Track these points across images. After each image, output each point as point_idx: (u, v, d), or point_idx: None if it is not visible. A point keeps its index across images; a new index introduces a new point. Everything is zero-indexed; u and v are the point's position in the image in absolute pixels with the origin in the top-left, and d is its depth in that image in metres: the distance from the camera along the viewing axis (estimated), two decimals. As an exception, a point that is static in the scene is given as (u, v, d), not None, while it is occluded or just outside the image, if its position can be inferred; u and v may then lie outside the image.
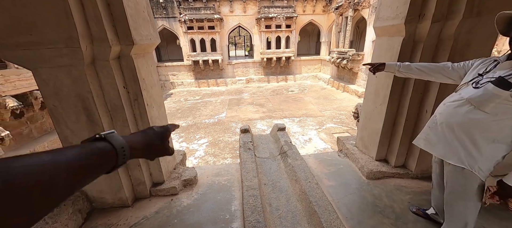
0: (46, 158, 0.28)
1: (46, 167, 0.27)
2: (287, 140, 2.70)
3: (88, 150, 0.35)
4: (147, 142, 0.48)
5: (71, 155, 0.31)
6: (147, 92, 1.61)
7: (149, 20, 1.57)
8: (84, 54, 1.17)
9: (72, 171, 0.31)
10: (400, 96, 1.76)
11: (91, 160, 0.34)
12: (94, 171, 0.35)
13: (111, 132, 0.40)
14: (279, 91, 12.78)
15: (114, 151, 0.38)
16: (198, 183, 2.01)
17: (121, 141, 0.40)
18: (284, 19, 14.01)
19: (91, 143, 0.37)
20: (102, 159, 0.37)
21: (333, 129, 7.15)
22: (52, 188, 0.28)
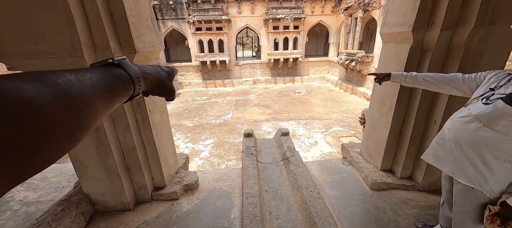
0: (73, 78, 0.25)
1: (75, 84, 0.25)
2: (290, 146, 2.67)
3: (109, 74, 0.32)
4: (158, 77, 0.46)
5: (96, 79, 0.29)
6: (150, 98, 1.63)
7: (152, 27, 1.59)
8: (87, 63, 1.20)
9: (100, 96, 0.28)
10: (407, 106, 1.70)
11: (113, 85, 0.32)
12: (116, 96, 0.32)
13: (122, 58, 0.37)
14: (285, 93, 12.70)
15: (130, 80, 0.36)
16: (199, 188, 2.02)
17: (135, 70, 0.37)
18: (292, 20, 13.92)
19: (107, 67, 0.34)
20: (122, 85, 0.34)
21: (340, 133, 7.02)
22: (88, 107, 0.26)
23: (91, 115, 0.26)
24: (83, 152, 1.47)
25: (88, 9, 1.16)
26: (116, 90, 0.32)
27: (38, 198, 1.83)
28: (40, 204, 1.76)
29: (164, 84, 0.47)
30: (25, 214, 1.66)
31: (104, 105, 0.29)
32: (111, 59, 0.35)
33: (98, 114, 0.28)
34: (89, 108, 0.26)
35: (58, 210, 1.36)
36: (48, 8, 1.05)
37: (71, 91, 0.23)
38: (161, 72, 0.47)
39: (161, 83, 0.46)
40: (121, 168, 1.56)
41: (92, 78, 0.28)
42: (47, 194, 1.89)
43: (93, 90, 0.27)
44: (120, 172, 1.56)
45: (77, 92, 0.24)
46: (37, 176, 2.12)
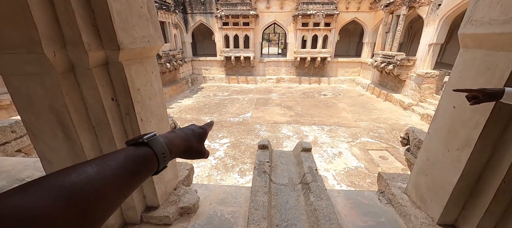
0: (92, 170, 0.27)
1: (95, 180, 0.27)
2: (311, 166, 2.22)
3: (132, 158, 0.34)
4: (186, 144, 0.47)
5: (117, 167, 0.31)
6: (143, 105, 1.34)
7: (149, 18, 1.28)
8: (52, 61, 0.92)
9: (119, 183, 0.30)
10: (496, 143, 1.14)
11: (135, 169, 0.34)
12: (138, 179, 0.34)
13: (153, 134, 0.40)
14: (310, 94, 11.97)
15: (156, 157, 0.38)
16: (198, 210, 1.70)
17: (162, 146, 0.39)
18: (324, 17, 12.99)
19: (134, 148, 0.36)
20: (145, 167, 0.36)
21: (369, 145, 6.24)
22: (103, 201, 0.27)
23: (107, 206, 0.28)
24: (55, 163, 1.23)
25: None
26: (138, 174, 0.34)
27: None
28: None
29: (193, 149, 0.48)
30: None
31: (122, 193, 0.31)
32: (140, 139, 0.38)
33: (116, 202, 0.30)
34: (104, 201, 0.27)
35: None
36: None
37: (81, 191, 0.25)
38: (190, 137, 0.48)
39: (189, 150, 0.47)
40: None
41: (113, 168, 0.30)
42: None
43: (111, 181, 0.29)
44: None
45: (91, 190, 0.26)
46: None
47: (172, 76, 12.66)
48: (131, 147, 0.37)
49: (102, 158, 0.31)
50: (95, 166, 0.28)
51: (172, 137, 0.44)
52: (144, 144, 0.37)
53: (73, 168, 0.26)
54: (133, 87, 1.25)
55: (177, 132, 0.47)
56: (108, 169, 0.29)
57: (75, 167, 0.27)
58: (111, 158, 0.31)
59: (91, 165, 0.28)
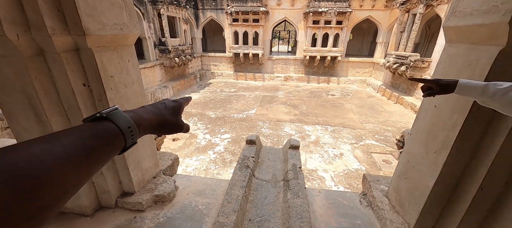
0: (36, 148, 0.24)
1: (41, 159, 0.24)
2: (296, 164, 2.17)
3: (89, 133, 0.30)
4: (159, 119, 0.44)
5: (69, 143, 0.27)
6: (117, 92, 1.36)
7: (123, 6, 1.30)
8: (16, 44, 0.96)
9: (74, 162, 0.27)
10: (476, 147, 1.05)
11: (94, 145, 0.30)
12: (100, 157, 0.31)
13: (114, 108, 0.36)
14: (317, 94, 11.74)
15: (120, 132, 0.34)
16: (174, 200, 1.73)
17: (126, 120, 0.35)
18: (336, 15, 12.63)
19: (92, 123, 0.33)
20: (107, 143, 0.32)
21: (372, 147, 6.03)
22: (55, 183, 0.24)
23: (61, 187, 0.25)
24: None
25: (17, -25, 0.91)
26: (98, 150, 0.30)
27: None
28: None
29: (167, 123, 0.45)
30: None
31: (82, 171, 0.28)
32: (98, 113, 0.35)
33: (74, 182, 0.27)
34: (54, 182, 0.24)
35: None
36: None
37: (23, 171, 0.22)
38: (163, 111, 0.45)
39: (163, 124, 0.45)
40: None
41: (65, 145, 0.26)
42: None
43: (63, 160, 0.25)
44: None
45: (34, 170, 0.23)
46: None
47: (181, 70, 12.89)
48: (88, 123, 0.33)
49: (52, 135, 0.27)
50: (43, 143, 0.25)
51: (140, 111, 0.41)
52: (103, 119, 0.34)
53: (12, 147, 0.23)
54: (105, 74, 1.28)
55: (146, 107, 0.45)
56: (59, 146, 0.26)
57: (16, 145, 0.24)
58: (64, 134, 0.28)
59: (37, 142, 0.25)
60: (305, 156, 5.56)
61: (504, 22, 0.81)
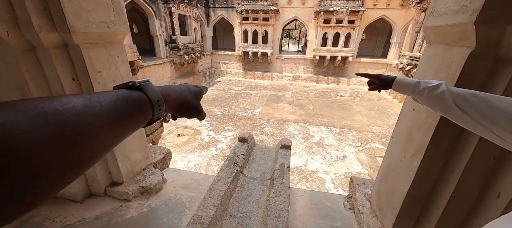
0: (78, 102, 0.24)
1: (83, 114, 0.24)
2: (284, 163, 2.17)
3: (125, 99, 0.31)
4: (182, 99, 0.45)
5: (107, 103, 0.27)
6: (105, 87, 1.44)
7: (110, 4, 1.37)
8: (7, 40, 1.05)
9: (111, 123, 0.27)
10: (450, 153, 1.01)
11: (129, 111, 0.31)
12: (132, 123, 0.32)
13: (145, 80, 0.37)
14: (325, 94, 11.53)
15: (150, 104, 0.35)
16: (160, 192, 1.80)
17: (156, 94, 0.36)
18: (347, 14, 12.32)
19: (125, 90, 0.33)
20: (140, 111, 0.33)
21: (378, 151, 5.84)
22: (93, 140, 0.24)
23: (98, 145, 0.25)
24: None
25: (5, -25, 0.99)
26: (131, 117, 0.31)
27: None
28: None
29: (189, 105, 0.46)
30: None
31: (115, 134, 0.28)
32: (131, 82, 0.35)
33: (107, 143, 0.27)
34: (94, 139, 0.24)
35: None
36: (-50, -28, 0.91)
37: (69, 122, 0.22)
38: (186, 93, 0.46)
39: (186, 105, 0.45)
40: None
41: (103, 105, 0.27)
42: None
43: (101, 118, 0.26)
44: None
45: (79, 123, 0.23)
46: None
47: (190, 68, 13.17)
48: (122, 89, 0.33)
49: (90, 94, 0.27)
50: (82, 99, 0.24)
51: (167, 88, 0.42)
52: (136, 88, 0.34)
53: (56, 98, 0.23)
54: (93, 70, 1.35)
55: (171, 86, 0.44)
56: (98, 105, 0.26)
57: (60, 97, 0.23)
58: (100, 95, 0.28)
59: (76, 97, 0.24)
60: (306, 157, 5.51)
61: (471, 22, 0.78)
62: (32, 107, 0.20)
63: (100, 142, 0.25)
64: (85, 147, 0.23)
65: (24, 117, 0.19)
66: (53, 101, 0.22)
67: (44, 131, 0.19)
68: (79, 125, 0.23)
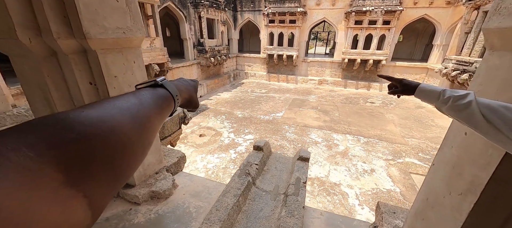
0: (136, 100, 0.30)
1: (144, 107, 0.30)
2: (300, 178, 1.99)
3: (157, 95, 0.36)
4: (189, 93, 0.50)
5: (150, 99, 0.33)
6: (120, 91, 1.46)
7: (127, 11, 1.38)
8: (29, 46, 1.10)
9: (156, 114, 0.33)
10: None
11: (162, 105, 0.36)
12: (164, 115, 0.37)
13: (163, 78, 0.42)
14: (354, 100, 10.79)
15: (172, 98, 0.40)
16: (169, 198, 1.77)
17: (175, 89, 0.42)
18: (382, 14, 11.40)
19: (152, 88, 0.38)
20: (167, 105, 0.38)
21: (413, 167, 5.19)
22: (153, 126, 0.31)
23: (154, 131, 0.31)
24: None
25: (29, -14, 1.04)
26: (164, 109, 0.37)
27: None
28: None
29: (192, 99, 0.53)
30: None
31: (159, 123, 0.34)
32: (153, 81, 0.41)
33: (156, 130, 0.33)
34: (152, 126, 0.31)
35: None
36: (-19, -16, 0.98)
37: (139, 113, 0.28)
38: (190, 88, 0.53)
39: (190, 99, 0.52)
40: (82, 158, 1.51)
41: (148, 100, 0.33)
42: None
43: (152, 110, 0.32)
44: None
45: (144, 114, 0.29)
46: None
47: (216, 70, 13.55)
48: (148, 88, 0.38)
49: (132, 93, 0.32)
50: (136, 99, 0.30)
51: (178, 84, 0.47)
52: (159, 86, 0.40)
53: (116, 97, 0.28)
54: (109, 74, 1.37)
55: (180, 81, 0.50)
56: (146, 102, 0.31)
57: (115, 97, 0.28)
58: (142, 95, 0.33)
59: (129, 96, 0.30)
60: (329, 167, 5.15)
61: None
62: (119, 105, 0.26)
63: (155, 129, 0.32)
64: (149, 131, 0.29)
65: (118, 113, 0.25)
66: (117, 100, 0.27)
67: (133, 123, 0.26)
68: (146, 117, 0.29)
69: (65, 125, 0.19)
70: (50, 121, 0.19)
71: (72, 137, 0.19)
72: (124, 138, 0.23)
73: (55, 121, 0.19)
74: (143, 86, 0.39)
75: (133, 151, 0.25)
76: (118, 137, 0.23)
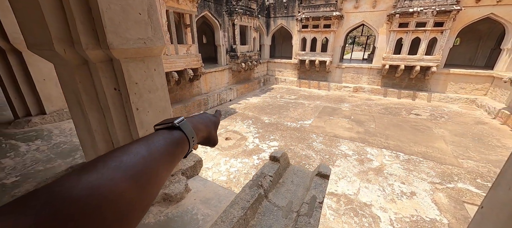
0: (144, 152, 0.30)
1: (149, 161, 0.30)
2: (316, 196, 1.83)
3: (170, 141, 0.37)
4: (208, 131, 0.50)
5: (161, 147, 0.33)
6: (140, 96, 1.57)
7: (148, 22, 1.47)
8: (64, 56, 1.26)
9: (165, 163, 0.33)
10: None
11: (173, 151, 0.36)
12: (176, 160, 0.38)
13: (181, 119, 0.42)
14: (395, 111, 9.69)
15: (187, 140, 0.40)
16: (181, 201, 1.81)
17: (191, 131, 0.42)
18: (433, 15, 10.08)
19: (168, 131, 0.39)
20: (181, 149, 0.39)
21: (468, 195, 4.33)
22: (157, 179, 0.31)
23: (159, 185, 0.32)
24: (81, 131, 1.67)
25: (65, 4, 1.19)
26: (177, 155, 0.38)
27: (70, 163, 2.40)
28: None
29: (211, 137, 0.51)
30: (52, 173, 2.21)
31: (167, 173, 0.35)
32: (171, 123, 0.40)
33: (163, 182, 0.33)
34: (159, 180, 0.31)
35: (59, 175, 1.65)
36: (30, 4, 1.15)
37: (146, 170, 0.28)
38: (210, 125, 0.51)
39: (209, 137, 0.50)
40: (106, 156, 1.65)
41: (159, 149, 0.33)
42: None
43: (161, 161, 0.32)
44: (105, 160, 1.64)
45: (151, 170, 0.29)
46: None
47: (246, 75, 13.84)
48: (164, 130, 0.39)
49: (146, 140, 0.33)
50: (145, 148, 0.31)
51: (196, 123, 0.47)
52: (176, 128, 0.40)
53: (126, 150, 0.29)
54: (130, 81, 1.48)
55: (200, 119, 0.50)
56: (155, 150, 0.32)
57: (126, 149, 0.29)
58: (154, 141, 0.34)
59: (141, 147, 0.31)
60: (359, 184, 4.67)
61: None
62: (125, 163, 0.26)
63: (161, 181, 0.32)
64: (154, 187, 0.29)
65: (121, 176, 0.25)
66: (126, 155, 0.27)
67: (136, 185, 0.26)
68: (148, 173, 0.29)
69: (55, 206, 0.20)
70: (40, 200, 0.20)
71: (63, 217, 0.19)
72: (123, 206, 0.23)
73: (46, 200, 0.20)
74: (161, 127, 0.39)
75: (132, 215, 0.24)
76: (117, 206, 0.23)
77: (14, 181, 1.92)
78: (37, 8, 1.10)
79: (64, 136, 2.83)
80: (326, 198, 4.32)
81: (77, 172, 0.23)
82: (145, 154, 0.29)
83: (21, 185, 1.86)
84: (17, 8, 1.29)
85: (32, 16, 1.18)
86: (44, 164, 2.16)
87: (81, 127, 1.63)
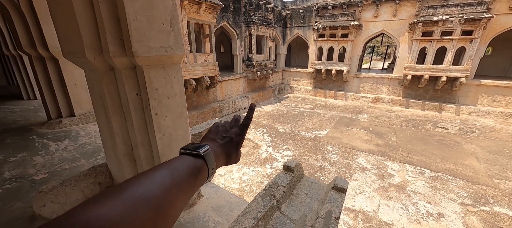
0: (167, 181, 0.32)
1: (171, 191, 0.31)
2: (332, 211, 1.74)
3: (192, 169, 0.38)
4: (226, 159, 0.51)
5: (183, 175, 0.35)
6: (159, 102, 1.63)
7: (170, 32, 1.55)
8: (93, 63, 1.36)
9: (184, 192, 0.35)
10: None
11: (194, 179, 0.38)
12: (195, 189, 0.39)
13: (207, 148, 0.43)
14: (418, 124, 9.11)
15: (207, 170, 0.42)
16: (193, 207, 1.82)
17: (213, 162, 0.43)
18: (461, 23, 9.52)
19: (193, 159, 0.40)
20: (201, 178, 0.40)
21: (506, 220, 3.86)
22: (175, 209, 0.31)
23: (178, 213, 0.32)
24: (104, 133, 1.76)
25: (98, 17, 1.30)
26: (195, 185, 0.38)
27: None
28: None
29: (230, 161, 0.52)
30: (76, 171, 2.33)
31: (186, 202, 0.35)
32: (196, 151, 0.41)
33: (182, 209, 0.34)
34: (178, 208, 0.31)
35: (82, 174, 1.74)
36: (67, 15, 1.27)
37: (166, 202, 0.29)
38: (231, 151, 0.51)
39: (227, 162, 0.52)
40: (125, 158, 1.72)
41: (181, 177, 0.34)
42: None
43: (181, 190, 0.33)
44: (124, 162, 1.71)
45: (170, 199, 0.30)
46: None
47: (262, 83, 13.94)
48: (189, 157, 0.40)
49: (169, 166, 0.35)
50: (169, 176, 0.32)
51: (218, 152, 0.48)
52: (200, 157, 0.41)
53: (149, 178, 0.30)
54: (151, 87, 1.56)
55: (223, 145, 0.50)
56: (178, 178, 0.33)
57: (149, 176, 0.30)
58: (177, 168, 0.35)
59: (165, 175, 0.32)
60: (379, 200, 4.38)
61: None
62: (147, 196, 0.27)
63: (180, 208, 0.33)
64: (174, 215, 0.30)
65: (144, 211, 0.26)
66: (150, 182, 0.29)
67: (150, 214, 0.26)
68: (170, 201, 0.29)
69: None
70: None
71: None
72: None
73: None
74: (186, 152, 0.41)
75: None
76: None
77: (42, 177, 2.07)
78: (73, 20, 1.21)
79: (89, 137, 3.02)
80: (342, 213, 4.10)
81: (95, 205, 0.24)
82: (167, 182, 0.30)
83: (48, 181, 2.00)
84: (57, 20, 1.42)
85: (69, 27, 1.30)
86: (70, 163, 2.31)
87: (104, 129, 1.73)
